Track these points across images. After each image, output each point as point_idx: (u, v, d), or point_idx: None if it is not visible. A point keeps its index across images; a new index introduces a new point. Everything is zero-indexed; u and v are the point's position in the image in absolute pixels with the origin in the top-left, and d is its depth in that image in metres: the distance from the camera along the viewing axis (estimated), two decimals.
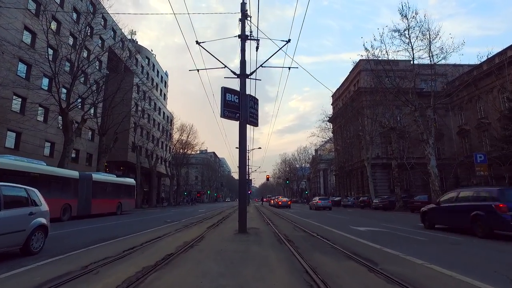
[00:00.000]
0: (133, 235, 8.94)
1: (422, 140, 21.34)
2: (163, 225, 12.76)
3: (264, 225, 12.28)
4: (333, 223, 13.68)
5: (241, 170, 9.48)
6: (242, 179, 9.47)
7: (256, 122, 10.32)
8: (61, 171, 17.57)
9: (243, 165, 9.54)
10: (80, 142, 31.56)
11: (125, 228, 11.59)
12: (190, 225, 12.60)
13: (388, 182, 41.61)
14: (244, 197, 9.56)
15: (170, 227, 11.69)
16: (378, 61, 24.65)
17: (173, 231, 9.89)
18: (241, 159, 9.63)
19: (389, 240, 8.10)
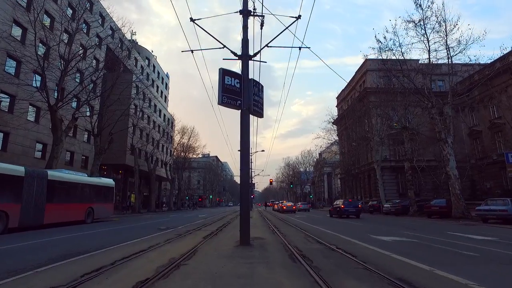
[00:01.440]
0: (106, 249, 7.26)
1: (439, 140, 19.63)
2: (154, 233, 11.13)
3: (270, 234, 10.61)
4: (348, 231, 11.98)
5: (243, 169, 7.85)
6: (244, 180, 7.84)
7: (261, 112, 8.73)
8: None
9: (245, 163, 7.92)
10: (75, 143, 30.18)
11: (96, 241, 9.40)
12: (185, 233, 10.96)
13: (397, 185, 39.83)
14: (247, 201, 7.91)
15: (160, 236, 10.05)
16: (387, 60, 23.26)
17: (162, 242, 8.25)
18: (244, 156, 8.00)
19: (430, 255, 6.41)
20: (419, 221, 18.21)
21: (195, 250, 6.86)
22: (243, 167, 7.86)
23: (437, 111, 19.81)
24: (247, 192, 7.82)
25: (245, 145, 8.03)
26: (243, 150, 7.98)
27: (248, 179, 7.88)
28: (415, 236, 9.80)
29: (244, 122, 8.15)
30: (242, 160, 7.93)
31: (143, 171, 40.53)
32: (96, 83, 22.77)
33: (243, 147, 7.99)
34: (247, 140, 8.09)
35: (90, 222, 17.41)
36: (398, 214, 25.54)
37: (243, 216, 7.67)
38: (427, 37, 19.61)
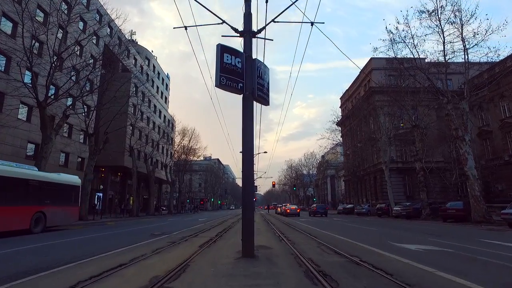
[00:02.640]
0: (77, 263, 5.94)
1: (456, 138, 18.24)
2: (144, 240, 9.80)
3: (276, 242, 9.25)
4: (364, 237, 10.61)
5: (246, 166, 6.52)
6: (247, 179, 6.50)
7: (266, 99, 7.42)
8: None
9: (248, 160, 6.58)
10: (70, 144, 28.97)
11: (63, 252, 7.90)
12: (180, 240, 9.63)
13: (404, 188, 38.41)
14: (250, 203, 6.57)
15: (149, 244, 8.72)
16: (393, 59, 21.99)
17: (148, 253, 6.93)
18: (246, 151, 6.67)
19: (487, 273, 5.07)
20: (436, 226, 16.77)
21: (187, 264, 5.54)
22: (246, 164, 6.53)
23: (452, 107, 18.43)
24: (250, 193, 6.48)
25: (248, 137, 6.72)
26: (246, 143, 6.66)
27: (252, 178, 6.57)
28: (444, 244, 8.42)
29: (247, 110, 6.84)
30: (244, 156, 6.61)
31: (143, 173, 39.29)
32: (90, 79, 21.54)
33: (246, 140, 6.68)
34: (250, 131, 6.77)
35: (39, 231, 13.21)
36: (409, 217, 24.08)
37: (245, 221, 6.33)
38: (441, 28, 18.30)
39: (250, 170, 6.53)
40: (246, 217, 6.32)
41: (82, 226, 17.78)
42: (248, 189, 6.42)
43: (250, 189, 6.45)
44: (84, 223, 19.73)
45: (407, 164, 38.79)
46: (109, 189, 40.69)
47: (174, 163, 53.46)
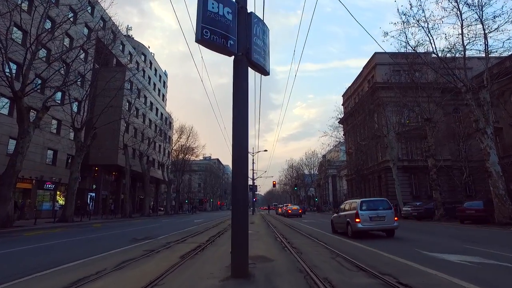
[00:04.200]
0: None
1: (477, 130, 16.47)
2: (120, 247, 8.05)
3: (279, 251, 7.49)
4: (384, 244, 8.86)
5: (236, 149, 4.77)
6: (239, 166, 4.75)
7: (266, 66, 5.68)
8: None
9: (240, 141, 4.83)
10: (59, 141, 27.25)
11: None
12: (161, 248, 7.88)
13: (411, 187, 36.64)
14: (244, 201, 4.80)
15: (121, 254, 6.98)
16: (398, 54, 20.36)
17: (110, 268, 5.20)
18: (238, 127, 4.93)
19: None
20: (457, 228, 14.99)
21: (155, 284, 3.80)
22: (237, 146, 4.79)
23: (472, 97, 16.67)
24: (243, 186, 4.72)
25: (241, 113, 4.97)
26: (238, 119, 4.92)
27: (245, 167, 4.80)
28: (491, 255, 6.66)
29: (239, 78, 5.11)
30: (235, 134, 4.86)
31: (138, 172, 37.55)
32: (74, 68, 19.78)
33: (238, 117, 4.94)
34: (244, 107, 5.02)
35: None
36: (420, 218, 22.31)
37: (236, 229, 4.56)
38: (459, 9, 16.57)
39: (243, 159, 4.77)
40: (238, 222, 4.56)
41: (63, 228, 16.05)
42: (240, 181, 4.67)
43: (243, 181, 4.70)
44: (67, 225, 18.00)
45: (413, 162, 37.10)
46: (103, 188, 38.98)
47: (172, 162, 51.75)
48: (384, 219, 10.42)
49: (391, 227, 10.59)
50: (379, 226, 10.49)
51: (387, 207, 10.86)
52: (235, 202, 4.60)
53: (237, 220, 4.54)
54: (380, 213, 10.49)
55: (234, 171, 4.68)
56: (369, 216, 10.33)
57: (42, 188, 25.82)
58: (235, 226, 4.54)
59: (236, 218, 4.55)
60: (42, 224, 18.25)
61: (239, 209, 4.57)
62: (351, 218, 10.64)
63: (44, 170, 25.92)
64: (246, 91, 5.18)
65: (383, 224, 10.48)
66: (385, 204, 11.12)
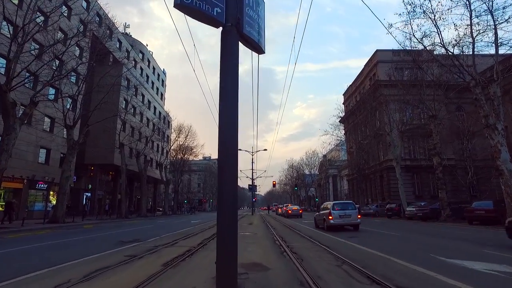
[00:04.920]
0: None
1: (487, 126, 15.62)
2: (101, 252, 7.22)
3: (276, 256, 6.65)
4: (394, 247, 8.04)
5: (223, 135, 3.93)
6: (226, 157, 3.89)
7: (261, 42, 4.86)
8: None
9: (228, 122, 3.98)
10: (52, 139, 26.43)
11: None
12: (145, 253, 7.06)
13: (413, 187, 35.84)
14: (233, 199, 3.91)
15: (97, 260, 6.16)
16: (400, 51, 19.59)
17: (76, 279, 4.38)
18: (226, 108, 4.07)
19: None
20: (466, 230, 14.15)
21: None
22: (224, 133, 3.95)
23: (482, 92, 15.83)
24: (232, 178, 3.86)
25: (229, 94, 4.14)
26: (225, 101, 4.10)
27: (234, 156, 3.94)
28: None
29: (228, 54, 4.28)
30: (222, 120, 4.03)
31: (135, 172, 36.70)
32: (63, 61, 18.99)
33: (225, 96, 4.11)
34: (233, 87, 4.19)
35: None
36: (425, 219, 21.45)
37: (223, 230, 3.72)
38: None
39: (231, 150, 3.93)
40: (224, 225, 3.71)
41: (50, 230, 15.23)
42: (227, 175, 3.82)
43: (231, 175, 3.85)
44: (57, 227, 17.18)
45: (416, 161, 36.38)
46: (99, 188, 38.19)
47: (171, 162, 50.94)
48: (350, 217, 13.51)
49: (355, 223, 13.76)
50: (346, 222, 13.61)
51: (353, 208, 13.92)
52: (222, 200, 3.77)
53: (224, 223, 3.71)
54: (347, 212, 13.56)
55: (221, 163, 3.86)
56: (339, 215, 13.45)
57: (34, 188, 25.00)
58: (221, 229, 3.71)
59: (222, 220, 3.72)
60: (31, 225, 17.44)
61: (226, 209, 3.73)
62: (326, 216, 13.74)
63: (36, 169, 25.10)
64: (235, 70, 4.35)
65: (349, 221, 13.59)
66: (352, 205, 14.20)
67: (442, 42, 16.17)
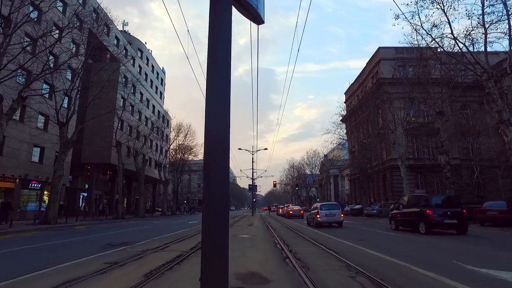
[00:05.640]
0: None
1: (500, 122, 14.79)
2: (79, 258, 6.39)
3: (278, 264, 5.80)
4: (410, 252, 7.20)
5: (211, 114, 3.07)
6: (214, 140, 3.02)
7: (260, 9, 4.01)
8: None
9: (218, 101, 3.13)
10: (48, 138, 25.60)
11: None
12: (129, 259, 6.23)
13: (417, 187, 34.82)
14: (223, 195, 3.00)
15: (65, 270, 5.32)
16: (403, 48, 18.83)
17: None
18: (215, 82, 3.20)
19: None
20: (480, 231, 13.28)
21: None
22: (213, 112, 3.10)
23: (495, 86, 14.98)
24: (222, 167, 2.98)
25: (221, 67, 3.29)
26: (217, 74, 3.24)
27: (225, 140, 3.08)
28: None
29: (219, 20, 3.42)
30: (210, 97, 3.17)
31: (134, 172, 35.85)
32: (54, 54, 18.18)
33: (217, 69, 3.26)
34: (226, 57, 3.34)
35: None
36: None
37: (211, 235, 2.86)
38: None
39: (221, 131, 3.07)
40: (212, 229, 2.87)
41: (38, 232, 14.41)
42: (215, 163, 2.97)
43: (220, 163, 2.99)
44: (46, 228, 16.37)
45: (420, 161, 35.53)
46: (96, 188, 37.37)
47: (170, 162, 50.14)
48: (334, 216, 16.03)
49: (339, 220, 16.16)
50: (331, 220, 16.08)
51: (337, 208, 16.58)
52: (208, 196, 2.92)
53: (211, 225, 2.86)
54: (332, 212, 16.13)
55: (208, 149, 3.00)
56: (325, 214, 15.99)
57: (27, 187, 24.19)
58: (207, 235, 2.87)
59: (209, 220, 2.87)
60: (21, 226, 16.66)
61: (214, 207, 2.87)
62: (315, 215, 16.36)
63: (30, 168, 24.30)
64: (227, 41, 3.50)
65: (334, 219, 16.06)
66: (336, 206, 17.10)
67: (452, 33, 15.32)
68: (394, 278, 4.42)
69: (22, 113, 23.24)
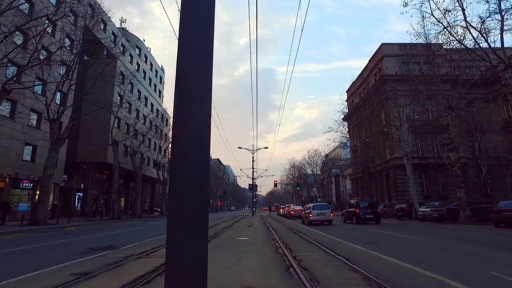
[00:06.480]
0: None
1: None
2: (39, 269, 5.42)
3: (281, 277, 4.79)
4: (430, 259, 6.21)
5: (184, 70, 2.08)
6: (190, 98, 2.01)
7: None
8: None
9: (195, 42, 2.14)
10: (38, 135, 24.66)
11: None
12: (103, 268, 5.25)
13: (421, 186, 33.91)
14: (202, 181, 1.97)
15: (17, 285, 4.37)
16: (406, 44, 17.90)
17: None
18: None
19: None
20: (498, 233, 12.28)
21: None
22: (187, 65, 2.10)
23: (511, 75, 13.97)
24: (201, 135, 1.98)
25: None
26: None
27: (207, 101, 2.09)
28: None
29: None
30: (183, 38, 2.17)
31: (131, 171, 34.87)
32: (45, 47, 17.22)
33: None
34: None
35: None
36: (441, 220, 19.57)
37: (179, 241, 1.83)
38: None
39: (199, 86, 2.07)
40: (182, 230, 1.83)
41: (22, 234, 13.46)
42: (188, 128, 1.96)
43: (198, 129, 1.98)
44: (32, 229, 15.41)
45: (424, 159, 34.55)
46: (93, 188, 36.43)
47: (169, 161, 49.18)
48: (325, 215, 18.31)
49: (329, 219, 18.50)
50: (322, 218, 18.25)
51: (327, 208, 18.95)
52: (177, 180, 1.90)
53: (180, 224, 1.86)
54: (323, 211, 18.43)
55: (178, 110, 1.98)
56: (317, 213, 18.25)
57: (18, 187, 23.25)
58: (172, 241, 1.87)
59: (176, 220, 1.87)
60: (7, 227, 15.75)
61: (185, 212, 1.87)
62: (308, 214, 18.64)
63: (21, 167, 23.37)
64: None
65: (324, 218, 18.29)
66: (326, 207, 19.50)
67: (465, 19, 14.32)
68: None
69: (13, 109, 22.34)
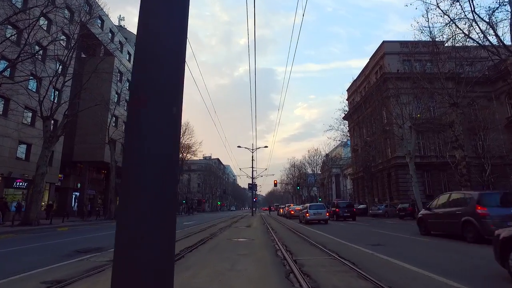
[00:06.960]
0: None
1: None
2: (17, 275, 4.87)
3: (281, 285, 4.27)
4: (446, 263, 5.65)
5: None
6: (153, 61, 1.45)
7: None
8: None
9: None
10: (32, 134, 24.07)
11: None
12: (83, 275, 4.68)
13: (423, 186, 33.31)
14: (170, 163, 1.39)
15: None
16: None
17: None
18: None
19: None
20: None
21: None
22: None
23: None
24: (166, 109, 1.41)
25: None
26: None
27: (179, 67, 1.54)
28: None
29: None
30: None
31: None
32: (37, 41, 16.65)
33: None
34: None
35: None
36: None
37: (127, 248, 1.30)
38: None
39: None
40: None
41: (12, 234, 12.90)
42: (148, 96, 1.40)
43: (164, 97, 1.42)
44: (23, 230, 14.84)
45: (426, 158, 34.02)
46: (90, 187, 35.86)
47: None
48: (321, 214, 19.30)
49: (325, 218, 19.44)
50: (318, 217, 19.13)
51: (323, 208, 20.14)
52: (132, 163, 1.34)
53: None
54: (319, 211, 19.48)
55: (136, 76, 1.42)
56: (313, 213, 19.24)
57: (11, 186, 22.70)
58: (121, 250, 1.31)
59: (125, 220, 1.31)
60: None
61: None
62: (305, 213, 19.72)
63: (14, 165, 22.81)
64: None
65: (320, 217, 19.19)
66: (322, 207, 20.75)
67: (473, 10, 13.73)
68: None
69: (6, 107, 21.79)
